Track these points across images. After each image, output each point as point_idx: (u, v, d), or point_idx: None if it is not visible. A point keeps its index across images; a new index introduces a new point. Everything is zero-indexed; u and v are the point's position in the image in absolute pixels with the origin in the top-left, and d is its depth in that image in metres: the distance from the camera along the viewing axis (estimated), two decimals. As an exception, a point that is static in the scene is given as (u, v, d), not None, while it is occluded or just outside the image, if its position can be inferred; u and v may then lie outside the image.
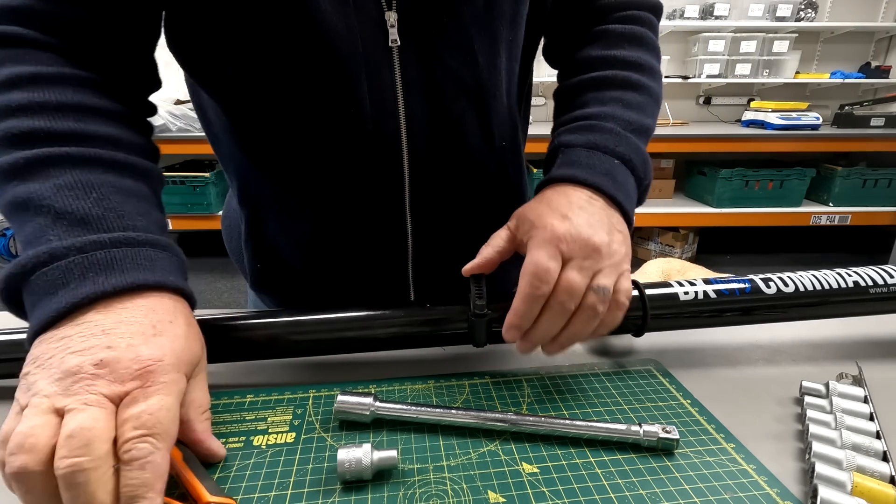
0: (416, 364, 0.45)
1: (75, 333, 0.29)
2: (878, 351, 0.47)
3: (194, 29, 0.42)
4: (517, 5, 0.45)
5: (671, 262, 1.96)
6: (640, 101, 0.47)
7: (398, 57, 0.42)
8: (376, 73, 0.42)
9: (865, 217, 2.66)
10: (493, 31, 0.44)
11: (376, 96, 0.42)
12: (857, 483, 0.29)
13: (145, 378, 0.28)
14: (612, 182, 0.41)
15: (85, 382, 0.27)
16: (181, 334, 0.32)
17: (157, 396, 0.28)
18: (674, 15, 2.79)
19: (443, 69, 0.43)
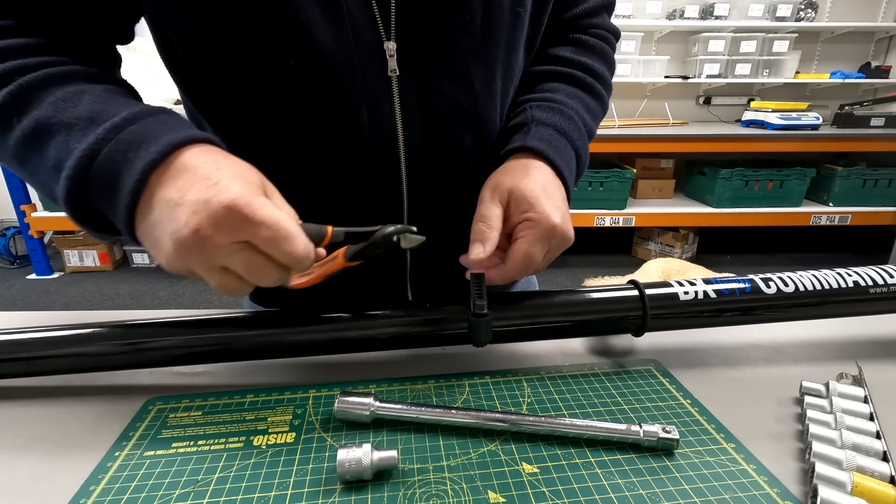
0: (416, 364, 0.45)
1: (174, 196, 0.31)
2: (878, 351, 0.47)
3: (193, 55, 0.42)
4: (513, 31, 0.46)
5: (671, 262, 1.96)
6: (595, 110, 0.52)
7: (397, 86, 0.43)
8: (376, 102, 0.42)
9: (865, 217, 2.66)
10: (490, 57, 0.45)
11: (376, 124, 0.43)
12: (857, 483, 0.29)
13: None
14: (569, 170, 0.46)
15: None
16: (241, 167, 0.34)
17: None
18: (674, 15, 2.79)
19: (441, 97, 0.44)
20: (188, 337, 0.41)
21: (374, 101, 0.42)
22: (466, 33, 0.42)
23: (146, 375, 0.43)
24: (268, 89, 0.41)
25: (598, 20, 0.54)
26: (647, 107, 3.05)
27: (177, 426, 0.37)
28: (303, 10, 0.37)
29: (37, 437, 0.36)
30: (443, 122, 0.45)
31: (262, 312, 0.43)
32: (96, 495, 0.30)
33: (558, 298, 0.44)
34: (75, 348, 0.40)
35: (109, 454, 0.34)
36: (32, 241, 2.57)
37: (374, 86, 0.42)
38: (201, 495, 0.30)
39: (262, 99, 0.42)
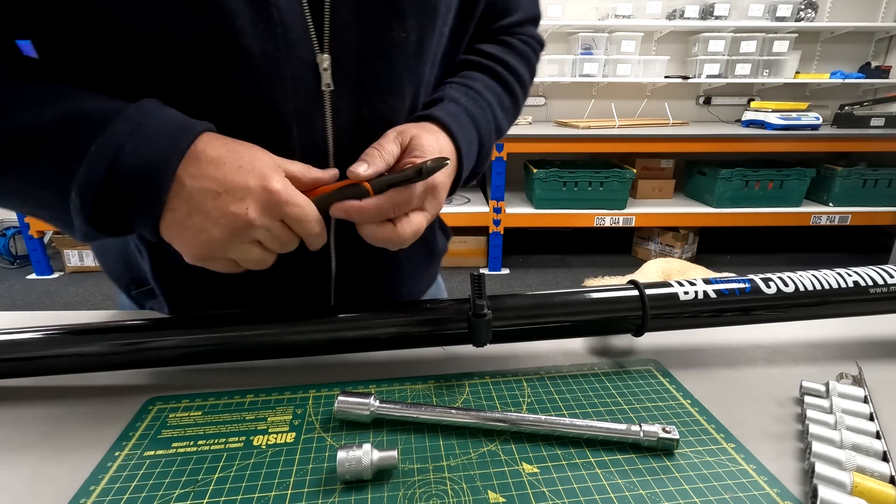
0: (416, 364, 0.45)
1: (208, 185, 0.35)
2: (878, 351, 0.47)
3: (105, 61, 0.38)
4: (438, 49, 0.46)
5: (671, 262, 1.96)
6: (508, 108, 0.54)
7: (330, 102, 0.41)
8: (308, 118, 0.41)
9: (865, 217, 2.66)
10: (420, 73, 0.45)
11: (307, 141, 0.42)
12: (857, 483, 0.29)
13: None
14: (468, 151, 0.47)
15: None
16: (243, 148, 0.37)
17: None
18: (674, 15, 2.79)
19: (373, 113, 0.43)
20: (188, 337, 0.41)
21: (304, 117, 0.41)
22: (401, 51, 0.42)
23: (146, 375, 0.43)
24: (193, 102, 0.38)
25: (524, 29, 0.56)
26: (647, 107, 3.05)
27: (177, 426, 0.37)
28: (231, 15, 0.35)
29: (37, 437, 0.36)
30: (372, 138, 0.44)
31: (261, 313, 0.43)
32: (96, 495, 0.30)
33: (558, 298, 0.44)
34: (75, 348, 0.40)
35: (109, 454, 0.34)
36: (32, 240, 2.57)
37: (307, 101, 0.41)
38: (201, 495, 0.30)
39: (187, 111, 0.38)
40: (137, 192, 0.34)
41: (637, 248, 2.98)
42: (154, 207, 0.35)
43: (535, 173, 2.54)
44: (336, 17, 0.39)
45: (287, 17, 0.37)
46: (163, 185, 0.34)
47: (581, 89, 3.02)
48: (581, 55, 2.76)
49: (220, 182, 0.34)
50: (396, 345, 0.44)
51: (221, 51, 0.36)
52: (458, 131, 0.45)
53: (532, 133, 2.54)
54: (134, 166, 0.33)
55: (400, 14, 0.40)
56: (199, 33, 0.35)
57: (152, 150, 0.34)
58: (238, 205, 0.35)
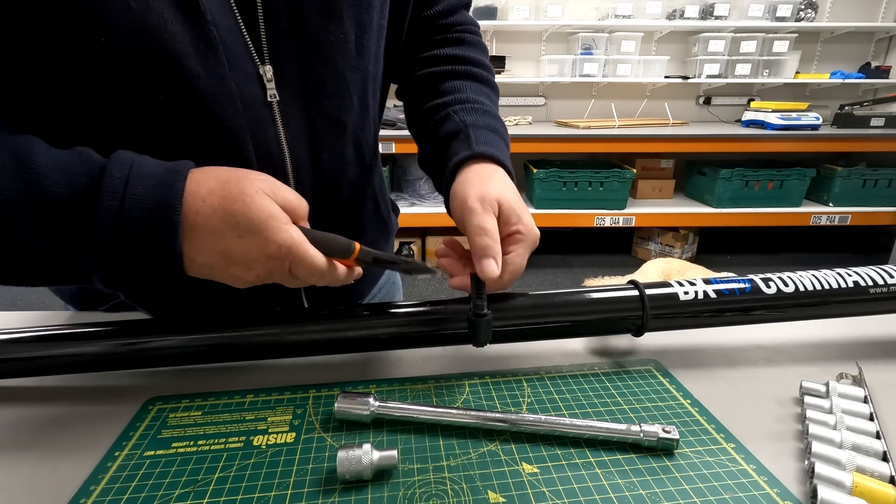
0: (416, 364, 0.45)
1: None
2: (878, 351, 0.47)
3: (48, 95, 0.37)
4: (379, 42, 0.47)
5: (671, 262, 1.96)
6: (495, 100, 0.55)
7: (279, 111, 0.42)
8: (260, 130, 0.42)
9: (865, 217, 2.65)
10: (364, 71, 0.46)
11: (262, 152, 0.42)
12: (857, 483, 0.29)
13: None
14: (510, 163, 0.48)
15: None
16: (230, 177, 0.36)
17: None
18: (674, 15, 2.79)
19: (323, 116, 0.44)
20: (188, 337, 0.41)
21: (257, 129, 0.41)
22: (341, 51, 0.42)
23: (146, 375, 0.43)
24: (136, 128, 0.37)
25: (460, 18, 0.57)
26: (647, 107, 3.05)
27: (177, 426, 0.37)
28: (170, 41, 0.35)
29: (37, 437, 0.36)
30: (326, 140, 0.45)
31: (260, 313, 0.43)
32: (96, 495, 0.30)
33: (558, 298, 0.44)
34: (75, 348, 0.40)
35: (109, 454, 0.34)
36: (32, 241, 2.57)
37: (257, 114, 0.41)
38: (201, 495, 0.30)
39: (140, 136, 0.38)
40: (149, 254, 0.34)
41: (637, 248, 2.98)
42: (173, 268, 0.35)
43: (535, 173, 2.54)
44: (271, 28, 0.39)
45: (224, 33, 0.37)
46: (167, 246, 0.34)
47: (581, 89, 3.01)
48: (581, 55, 2.75)
49: (225, 256, 0.35)
50: (396, 345, 0.44)
51: (165, 76, 0.36)
52: (500, 154, 0.47)
53: (532, 133, 2.53)
54: (138, 235, 0.33)
55: (336, 15, 0.41)
56: (141, 60, 0.35)
57: (149, 213, 0.33)
58: (247, 273, 0.36)
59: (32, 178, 0.32)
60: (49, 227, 0.33)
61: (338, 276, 0.38)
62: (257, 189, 0.35)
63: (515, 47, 2.90)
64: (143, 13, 0.33)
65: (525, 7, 2.68)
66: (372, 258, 0.39)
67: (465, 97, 0.52)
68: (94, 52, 0.34)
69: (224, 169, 0.36)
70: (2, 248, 0.33)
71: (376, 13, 0.44)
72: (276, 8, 0.39)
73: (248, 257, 0.35)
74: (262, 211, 0.34)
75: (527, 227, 0.43)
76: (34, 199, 0.32)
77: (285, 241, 0.35)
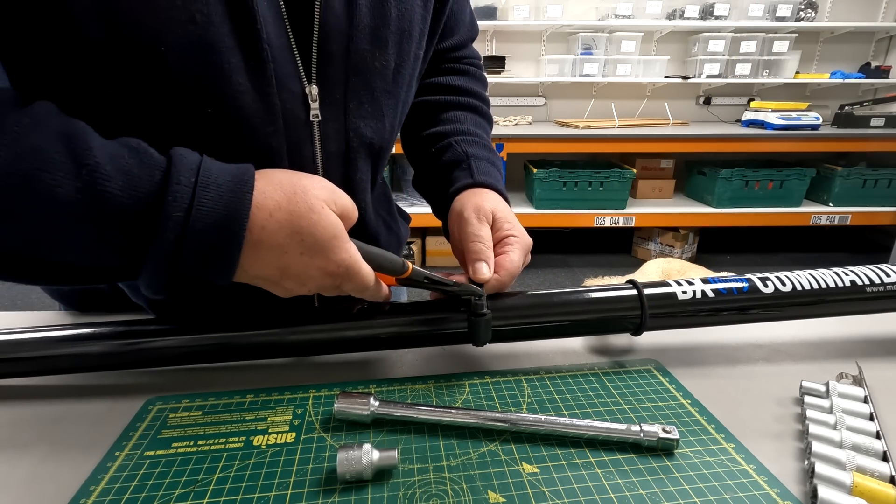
0: (416, 364, 0.45)
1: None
2: (878, 350, 0.47)
3: (99, 101, 0.36)
4: (414, 72, 0.49)
5: (671, 262, 1.96)
6: (489, 134, 0.60)
7: (318, 131, 0.43)
8: (298, 148, 0.42)
9: (865, 217, 2.66)
10: (397, 97, 0.48)
11: (297, 169, 0.41)
12: (857, 483, 0.29)
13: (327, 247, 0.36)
14: (506, 193, 0.52)
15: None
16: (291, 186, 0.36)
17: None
18: (674, 15, 2.79)
19: (359, 138, 0.45)
20: (188, 337, 0.41)
21: (295, 147, 0.42)
22: (382, 78, 0.44)
23: (146, 375, 0.43)
24: (179, 138, 0.36)
25: (468, 52, 0.62)
26: (647, 107, 3.05)
27: (177, 426, 0.37)
28: (225, 55, 0.35)
29: (37, 437, 0.36)
30: (359, 161, 0.46)
31: (260, 313, 0.43)
32: (96, 495, 0.30)
33: (558, 298, 0.44)
34: (75, 348, 0.40)
35: (109, 454, 0.34)
36: (32, 241, 2.57)
37: (296, 132, 0.42)
38: (201, 495, 0.30)
39: (173, 143, 0.37)
40: (208, 265, 0.34)
41: (637, 248, 2.98)
42: (225, 278, 0.35)
43: (535, 173, 2.54)
44: (322, 50, 0.40)
45: (277, 52, 0.38)
46: (233, 262, 0.34)
47: (581, 89, 3.01)
48: (581, 55, 2.76)
49: (283, 271, 0.36)
50: (396, 345, 0.44)
51: (215, 89, 0.36)
52: (498, 184, 0.51)
53: (532, 133, 2.54)
54: (202, 248, 0.33)
55: (383, 44, 0.43)
56: (195, 72, 0.35)
57: (216, 226, 0.33)
58: (300, 288, 0.37)
59: (90, 176, 0.30)
60: (104, 232, 0.32)
61: (381, 294, 0.40)
62: (323, 204, 0.36)
63: (515, 47, 2.90)
64: (204, 27, 0.34)
65: (525, 7, 2.68)
66: (423, 278, 0.41)
67: (465, 129, 0.56)
68: (150, 60, 0.34)
69: (286, 176, 0.36)
70: (43, 248, 0.32)
71: (415, 44, 0.47)
72: (330, 32, 0.40)
73: (305, 274, 0.36)
74: (328, 230, 0.35)
75: (520, 232, 0.46)
76: (91, 201, 0.30)
77: (345, 261, 0.36)
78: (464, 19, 0.59)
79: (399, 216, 0.64)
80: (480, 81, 0.61)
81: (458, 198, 0.49)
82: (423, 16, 0.47)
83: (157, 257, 0.32)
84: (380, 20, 0.42)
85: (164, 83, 0.35)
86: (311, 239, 0.35)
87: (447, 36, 0.57)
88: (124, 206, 0.31)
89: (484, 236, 0.44)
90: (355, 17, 0.41)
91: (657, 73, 2.82)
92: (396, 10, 0.43)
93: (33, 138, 0.30)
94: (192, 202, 0.32)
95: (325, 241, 0.35)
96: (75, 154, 0.30)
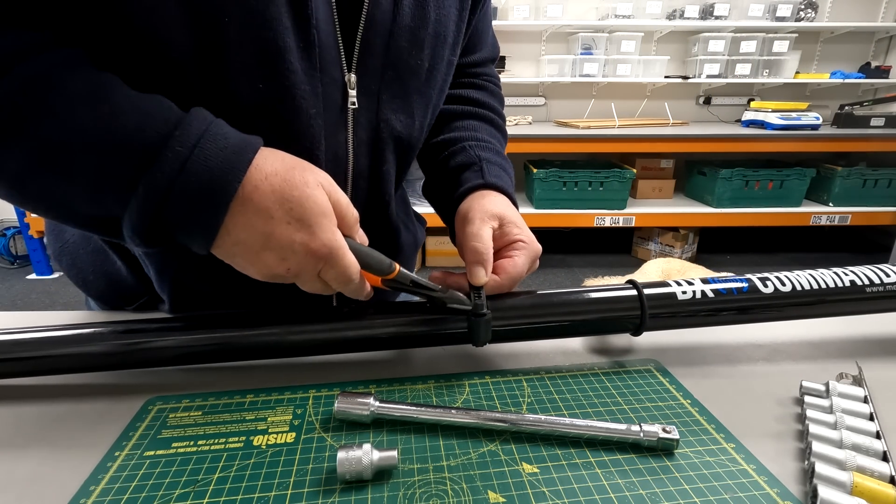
0: (416, 364, 0.45)
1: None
2: (878, 350, 0.47)
3: (153, 69, 0.38)
4: (446, 77, 0.51)
5: (671, 262, 1.96)
6: (504, 147, 0.61)
7: (352, 117, 0.45)
8: (333, 133, 0.44)
9: (865, 217, 2.66)
10: (428, 97, 0.50)
11: (331, 154, 0.44)
12: (858, 483, 0.29)
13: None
14: (516, 199, 0.53)
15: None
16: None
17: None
18: (674, 15, 2.79)
19: (389, 129, 0.47)
20: (188, 337, 0.41)
21: (331, 131, 0.44)
22: (415, 76, 0.46)
23: (146, 375, 0.43)
24: (230, 112, 0.38)
25: (489, 69, 0.64)
26: (647, 107, 3.05)
27: (177, 426, 0.37)
28: (281, 34, 0.37)
29: (37, 437, 0.36)
30: (385, 153, 0.48)
31: (260, 313, 0.43)
32: (96, 495, 0.30)
33: (558, 298, 0.44)
34: (75, 348, 0.40)
35: (109, 454, 0.34)
36: (32, 241, 2.57)
37: (334, 117, 0.43)
38: (201, 495, 0.30)
39: (226, 117, 0.38)
40: (196, 212, 0.34)
41: (637, 248, 2.98)
42: (207, 235, 0.35)
43: (535, 173, 2.54)
44: (365, 42, 0.42)
45: (324, 38, 0.40)
46: (220, 214, 0.34)
47: (581, 89, 3.02)
48: (581, 55, 2.76)
49: (265, 238, 0.35)
50: (396, 345, 0.44)
51: (269, 66, 0.38)
52: (508, 188, 0.52)
53: (532, 133, 2.53)
54: (195, 188, 0.33)
55: (419, 45, 0.45)
56: (254, 47, 0.37)
57: (213, 170, 0.33)
58: (279, 264, 0.36)
59: (108, 110, 0.33)
60: (111, 159, 0.33)
61: (363, 291, 0.40)
62: (318, 184, 0.36)
63: (515, 47, 2.90)
64: (266, 3, 0.36)
65: (525, 7, 2.68)
66: (410, 281, 0.40)
67: (480, 136, 0.56)
68: (214, 30, 0.35)
69: (292, 157, 0.37)
70: (54, 171, 0.33)
71: (448, 49, 0.49)
72: (375, 26, 0.42)
73: (287, 247, 0.35)
74: (319, 206, 0.35)
75: (529, 238, 0.46)
76: (105, 129, 0.32)
77: (330, 241, 0.36)
78: (487, 39, 0.62)
79: (415, 219, 0.65)
80: (498, 99, 0.63)
81: (467, 199, 0.49)
82: (458, 24, 0.49)
83: (148, 191, 0.33)
84: (419, 21, 0.44)
85: (224, 54, 0.37)
86: (300, 209, 0.35)
87: (470, 52, 0.59)
88: (132, 140, 0.33)
89: (483, 237, 0.44)
90: (398, 15, 0.42)
91: (657, 73, 2.82)
92: (435, 13, 0.45)
93: (61, 71, 0.33)
94: (196, 145, 0.33)
95: (313, 216, 0.35)
96: (98, 94, 0.33)
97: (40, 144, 0.33)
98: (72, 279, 0.57)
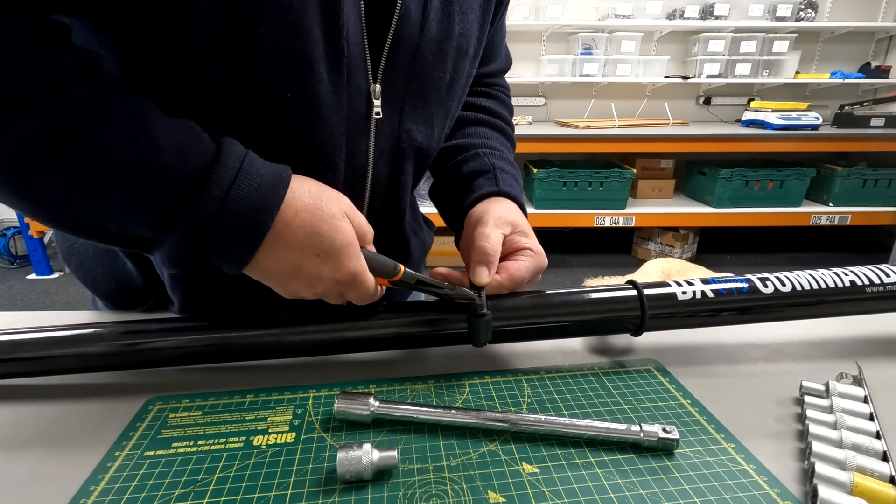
0: (416, 364, 0.45)
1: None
2: (878, 350, 0.47)
3: (183, 77, 0.39)
4: (465, 88, 0.52)
5: (671, 262, 1.96)
6: (513, 151, 0.62)
7: (375, 127, 0.45)
8: (355, 141, 0.44)
9: (865, 217, 2.65)
10: (447, 108, 0.51)
11: (351, 163, 0.45)
12: (858, 483, 0.29)
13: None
14: (525, 207, 0.54)
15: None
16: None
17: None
18: (674, 15, 2.79)
19: (409, 139, 0.48)
20: (188, 337, 0.41)
21: (353, 140, 0.44)
22: (436, 88, 0.47)
23: (146, 375, 0.43)
24: (254, 122, 0.40)
25: (500, 80, 0.65)
26: (647, 107, 3.05)
27: (177, 426, 0.37)
28: (312, 44, 0.38)
29: (37, 437, 0.36)
30: (405, 163, 0.49)
31: (260, 313, 0.43)
32: (96, 495, 0.30)
33: (558, 298, 0.44)
34: (75, 348, 0.40)
35: (109, 454, 0.34)
36: (32, 241, 2.57)
37: (356, 126, 0.44)
38: (201, 495, 0.30)
39: (241, 124, 0.40)
40: (230, 247, 0.36)
41: (637, 248, 2.98)
42: (239, 264, 0.37)
43: (535, 173, 2.54)
44: (393, 54, 0.43)
45: (353, 49, 0.41)
46: (253, 249, 0.36)
47: (581, 89, 3.01)
48: (581, 55, 2.75)
49: (294, 269, 0.37)
50: (396, 345, 0.44)
51: (298, 75, 0.38)
52: (519, 196, 0.53)
53: (532, 133, 2.53)
54: (231, 226, 0.35)
55: (443, 58, 0.46)
56: (285, 57, 0.37)
57: (248, 210, 0.35)
58: (306, 290, 0.38)
59: (146, 143, 0.33)
60: (147, 195, 0.34)
61: (376, 298, 0.41)
62: (344, 214, 0.38)
63: (515, 47, 2.88)
64: (299, 14, 0.36)
65: (525, 7, 2.68)
66: (415, 281, 0.41)
67: (492, 144, 0.58)
68: (248, 40, 0.36)
69: (315, 185, 0.39)
70: (88, 199, 0.34)
71: (468, 62, 0.50)
72: (403, 39, 0.42)
73: (316, 276, 0.37)
74: (346, 237, 0.37)
75: (537, 248, 0.47)
76: (143, 164, 0.33)
77: (356, 269, 0.38)
78: (500, 51, 0.62)
79: (424, 223, 0.65)
80: (509, 109, 0.64)
81: (481, 203, 0.50)
82: (479, 38, 0.50)
83: (186, 228, 0.34)
84: (444, 34, 0.45)
85: (256, 63, 0.37)
86: (329, 243, 0.37)
87: (485, 63, 0.60)
88: (170, 178, 0.33)
89: (493, 238, 0.44)
90: (426, 28, 0.43)
91: (657, 73, 2.82)
92: (459, 27, 0.46)
93: (103, 99, 0.33)
94: (232, 185, 0.34)
95: (341, 248, 0.37)
96: (137, 122, 0.33)
97: (77, 172, 0.33)
98: (80, 279, 0.57)
